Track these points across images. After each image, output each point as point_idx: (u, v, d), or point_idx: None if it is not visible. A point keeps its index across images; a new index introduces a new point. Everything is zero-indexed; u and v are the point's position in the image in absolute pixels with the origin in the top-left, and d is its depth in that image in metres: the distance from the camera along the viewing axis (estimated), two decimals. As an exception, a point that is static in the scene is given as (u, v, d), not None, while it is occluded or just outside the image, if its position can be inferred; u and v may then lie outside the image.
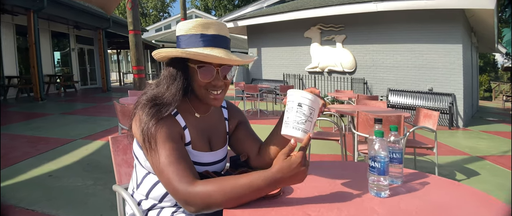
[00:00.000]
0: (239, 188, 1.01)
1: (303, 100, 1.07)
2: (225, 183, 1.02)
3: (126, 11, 27.80)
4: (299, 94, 1.08)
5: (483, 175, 4.47)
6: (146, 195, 1.29)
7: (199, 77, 1.19)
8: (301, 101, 1.08)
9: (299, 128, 1.07)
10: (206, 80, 1.19)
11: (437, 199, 1.12)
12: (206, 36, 1.18)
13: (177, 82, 1.19)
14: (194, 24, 1.19)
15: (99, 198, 3.17)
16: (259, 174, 1.02)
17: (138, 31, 6.40)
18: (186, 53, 1.14)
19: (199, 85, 1.21)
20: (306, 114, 1.07)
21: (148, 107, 1.15)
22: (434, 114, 3.82)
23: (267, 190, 1.04)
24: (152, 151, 1.11)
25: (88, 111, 9.00)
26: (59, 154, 4.61)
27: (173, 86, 1.18)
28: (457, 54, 8.76)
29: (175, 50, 1.17)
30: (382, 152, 1.12)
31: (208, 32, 1.18)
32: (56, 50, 15.02)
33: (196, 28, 1.19)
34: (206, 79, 1.19)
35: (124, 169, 1.63)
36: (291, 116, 1.08)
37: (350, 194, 1.15)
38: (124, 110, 3.20)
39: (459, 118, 8.97)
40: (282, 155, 1.04)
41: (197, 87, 1.21)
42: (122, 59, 30.89)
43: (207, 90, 1.22)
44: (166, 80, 1.21)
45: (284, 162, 1.01)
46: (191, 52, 1.14)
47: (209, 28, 1.19)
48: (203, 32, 1.18)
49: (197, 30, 1.18)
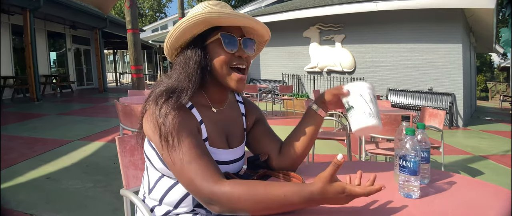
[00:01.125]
0: (271, 199, 0.92)
1: (369, 91, 1.12)
2: (255, 189, 0.93)
3: (122, 11, 27.70)
4: (363, 86, 1.12)
5: (487, 175, 4.43)
6: (159, 201, 1.18)
7: (225, 46, 1.10)
8: (369, 91, 1.11)
9: (375, 115, 1.09)
10: (232, 50, 1.11)
11: (467, 199, 1.07)
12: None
13: (193, 61, 1.10)
14: (206, 3, 1.13)
15: (100, 201, 3.08)
16: (295, 189, 0.92)
17: (137, 30, 6.30)
18: (211, 13, 1.05)
19: (221, 61, 1.11)
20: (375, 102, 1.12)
21: (162, 99, 1.05)
22: (440, 113, 3.76)
23: (300, 207, 0.95)
24: (169, 148, 1.01)
25: (85, 112, 8.89)
26: (57, 155, 4.51)
27: (189, 67, 1.10)
28: (457, 54, 8.73)
29: (196, 14, 1.06)
30: (413, 151, 1.05)
31: (222, 10, 1.10)
32: (52, 50, 14.86)
33: (210, 6, 1.11)
34: (231, 49, 1.11)
35: (131, 171, 1.53)
36: (371, 106, 1.09)
37: (380, 196, 1.07)
38: (126, 110, 3.11)
39: (459, 117, 8.95)
40: (328, 175, 0.91)
41: (219, 65, 1.11)
42: (118, 60, 30.75)
43: (230, 66, 1.12)
44: (179, 66, 1.12)
45: (331, 186, 0.91)
46: (219, 12, 1.06)
47: (222, 6, 1.13)
48: (217, 10, 1.10)
49: (212, 8, 1.10)
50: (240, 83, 1.14)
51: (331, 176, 0.91)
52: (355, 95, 1.10)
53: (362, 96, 1.08)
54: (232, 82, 1.13)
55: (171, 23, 34.58)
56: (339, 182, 0.93)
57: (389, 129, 3.24)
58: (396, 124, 3.20)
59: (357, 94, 1.10)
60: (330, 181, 0.91)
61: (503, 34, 16.95)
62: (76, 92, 14.64)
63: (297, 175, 1.16)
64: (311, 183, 0.93)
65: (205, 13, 1.05)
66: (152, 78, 26.13)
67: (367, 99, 1.09)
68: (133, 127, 3.14)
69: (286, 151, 1.25)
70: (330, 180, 0.91)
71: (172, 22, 34.56)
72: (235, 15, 1.07)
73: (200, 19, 1.06)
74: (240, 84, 1.14)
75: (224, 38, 1.10)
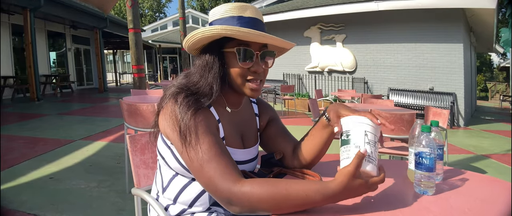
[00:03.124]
0: (293, 198, 0.90)
1: (367, 128, 0.98)
2: (276, 188, 0.91)
3: (121, 11, 27.61)
4: (360, 121, 0.99)
5: (490, 173, 4.43)
6: (173, 200, 1.17)
7: (239, 61, 1.08)
8: (366, 129, 0.98)
9: (373, 161, 0.97)
10: (247, 65, 1.09)
11: (482, 195, 1.07)
12: (244, 18, 1.09)
13: (213, 70, 1.08)
14: (230, 6, 1.10)
15: (105, 201, 3.07)
16: (317, 187, 0.90)
17: (138, 30, 6.26)
18: (226, 30, 1.03)
19: (237, 72, 1.10)
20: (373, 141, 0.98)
21: (182, 97, 1.04)
22: (444, 113, 3.76)
23: (321, 205, 0.93)
24: (188, 146, 0.99)
25: (85, 112, 8.88)
26: (59, 155, 4.50)
27: (210, 75, 1.08)
28: (458, 54, 8.73)
29: (213, 28, 1.05)
30: (429, 148, 1.05)
31: (246, 14, 1.09)
32: (52, 50, 14.85)
33: (233, 10, 1.09)
34: (246, 64, 1.09)
35: (142, 170, 1.52)
36: (373, 150, 0.97)
37: (397, 193, 1.09)
38: (131, 109, 3.10)
39: (460, 117, 8.95)
40: (353, 169, 0.89)
41: (235, 75, 1.10)
42: (118, 59, 30.74)
43: (245, 78, 1.11)
44: (199, 69, 1.11)
45: (355, 181, 0.89)
46: (234, 29, 1.03)
47: (246, 10, 1.10)
48: (240, 14, 1.09)
49: (234, 12, 1.09)
50: (255, 92, 1.13)
51: (357, 170, 0.90)
52: (358, 130, 0.98)
53: (366, 135, 0.97)
54: (247, 90, 1.13)
55: (171, 23, 34.56)
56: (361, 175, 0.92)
57: (394, 129, 3.24)
58: (401, 123, 3.21)
59: (361, 129, 0.98)
60: (354, 176, 0.89)
61: (503, 34, 17.00)
62: (76, 92, 14.63)
63: (314, 172, 1.15)
64: (332, 179, 0.92)
65: (221, 29, 1.04)
66: (152, 78, 26.15)
67: (370, 139, 0.97)
68: (138, 126, 3.13)
69: (299, 155, 1.23)
70: (355, 175, 0.89)
71: (171, 22, 34.53)
72: (252, 34, 1.03)
73: (215, 33, 1.06)
74: (255, 93, 1.13)
75: (239, 52, 1.08)
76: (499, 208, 0.98)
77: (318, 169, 1.25)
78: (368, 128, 0.97)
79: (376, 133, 0.98)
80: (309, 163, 1.22)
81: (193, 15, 34.09)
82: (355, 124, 0.99)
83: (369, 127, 0.98)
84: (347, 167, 0.91)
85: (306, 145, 1.21)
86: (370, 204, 0.98)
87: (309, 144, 1.20)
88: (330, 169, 1.31)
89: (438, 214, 0.92)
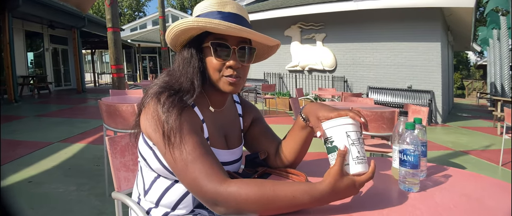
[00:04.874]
0: (280, 199, 0.88)
1: (348, 128, 0.95)
2: (263, 189, 0.89)
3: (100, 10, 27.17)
4: (341, 123, 0.96)
5: (470, 169, 4.53)
6: (156, 203, 1.14)
7: (214, 55, 1.06)
8: (347, 129, 0.95)
9: (362, 160, 0.95)
10: (221, 59, 1.06)
11: (466, 191, 1.09)
12: (224, 13, 1.07)
13: (192, 64, 1.06)
14: (210, 2, 1.09)
15: (85, 205, 3.00)
16: (305, 188, 0.89)
17: (117, 29, 6.15)
18: (198, 22, 1.00)
19: (213, 67, 1.07)
20: (359, 141, 0.95)
21: (165, 96, 1.01)
22: (423, 110, 3.82)
23: (310, 207, 0.91)
24: (172, 146, 0.96)
25: (64, 113, 8.69)
26: (37, 158, 4.39)
27: (190, 70, 1.06)
28: (436, 52, 8.90)
29: (187, 20, 1.03)
30: (414, 145, 1.05)
31: (225, 9, 1.08)
32: (30, 51, 14.46)
33: (213, 5, 1.08)
34: (221, 58, 1.06)
35: (122, 173, 1.47)
36: (359, 149, 0.95)
37: (382, 191, 1.09)
38: (110, 110, 3.04)
39: (438, 114, 9.13)
40: (338, 169, 0.89)
41: (211, 70, 1.08)
42: (97, 59, 30.19)
43: (222, 73, 1.08)
44: (180, 65, 1.08)
45: (342, 182, 0.89)
46: (206, 20, 1.00)
47: (226, 6, 1.08)
48: (220, 10, 1.07)
49: (214, 7, 1.07)
50: (232, 86, 1.09)
51: (341, 169, 0.90)
52: (340, 134, 0.95)
53: (349, 136, 0.94)
54: (224, 85, 1.09)
55: (150, 22, 34.18)
56: (348, 175, 0.92)
57: (375, 126, 3.28)
58: (382, 121, 3.24)
59: (342, 133, 0.95)
60: (341, 176, 0.89)
61: (481, 32, 17.44)
62: (54, 93, 14.29)
63: (299, 172, 1.14)
64: (320, 181, 0.91)
65: (193, 21, 1.02)
66: (131, 78, 25.80)
67: (354, 138, 0.94)
68: (117, 127, 3.07)
69: (282, 155, 1.22)
70: (341, 174, 0.89)
71: (151, 21, 34.17)
72: (224, 25, 1.00)
73: (189, 26, 1.03)
74: (232, 88, 1.09)
75: (214, 46, 1.06)
76: (486, 204, 0.99)
77: (304, 168, 1.24)
78: (349, 128, 0.95)
79: (358, 130, 0.96)
80: (291, 163, 1.21)
81: (173, 14, 33.78)
82: (336, 129, 0.96)
83: (350, 127, 0.95)
84: (332, 167, 0.91)
85: (286, 146, 1.20)
86: (357, 203, 0.97)
87: (290, 144, 1.19)
88: (315, 167, 1.31)
89: (424, 210, 0.93)
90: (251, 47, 1.12)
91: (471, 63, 41.00)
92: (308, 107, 1.10)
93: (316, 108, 1.06)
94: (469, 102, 19.62)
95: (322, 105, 1.06)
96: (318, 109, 1.04)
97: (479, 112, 12.84)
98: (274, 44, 1.19)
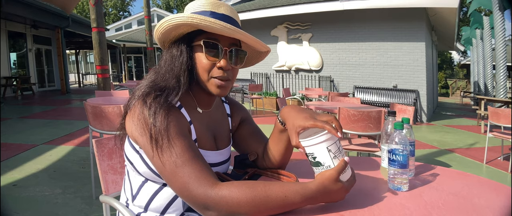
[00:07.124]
0: (272, 200, 0.88)
1: (328, 143, 0.94)
2: (255, 191, 0.88)
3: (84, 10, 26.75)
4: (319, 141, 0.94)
5: (455, 167, 4.60)
6: (145, 208, 1.11)
7: (205, 54, 1.04)
8: (328, 145, 0.93)
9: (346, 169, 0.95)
10: (213, 60, 1.05)
11: (454, 189, 1.11)
12: (217, 14, 1.06)
13: (180, 61, 1.04)
14: (203, 2, 1.07)
15: (71, 208, 2.95)
16: (296, 188, 0.90)
17: (102, 29, 6.08)
18: (193, 18, 0.98)
19: (202, 67, 1.05)
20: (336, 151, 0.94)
21: (151, 98, 0.98)
22: (409, 109, 3.87)
23: (300, 206, 0.92)
24: (160, 150, 0.93)
25: (48, 115, 8.53)
26: (22, 161, 4.30)
27: (177, 67, 1.04)
28: (421, 52, 9.02)
29: (180, 15, 1.00)
30: (402, 145, 1.06)
31: (219, 11, 1.07)
32: (12, 51, 14.17)
33: (206, 5, 1.07)
34: (213, 58, 1.05)
35: (110, 176, 1.45)
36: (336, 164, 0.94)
37: (371, 190, 1.10)
38: (96, 111, 3.00)
39: (423, 113, 9.25)
40: (336, 173, 0.90)
41: (201, 70, 1.06)
42: (81, 60, 29.81)
43: (211, 74, 1.06)
44: (167, 62, 1.06)
45: (335, 184, 0.90)
46: (201, 18, 0.98)
47: (220, 7, 1.07)
48: (213, 10, 1.06)
49: (207, 7, 1.06)
50: (221, 89, 1.08)
51: (338, 176, 0.90)
52: (321, 149, 0.94)
53: (330, 151, 0.93)
54: (212, 87, 1.07)
55: (136, 22, 33.82)
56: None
57: (362, 126, 3.30)
58: (369, 120, 3.27)
59: (323, 148, 0.93)
60: (336, 180, 0.90)
61: (465, 32, 17.73)
62: (37, 94, 14.03)
63: (290, 173, 1.14)
64: (312, 180, 0.91)
65: (187, 17, 0.99)
66: (116, 78, 25.53)
67: (335, 151, 0.94)
68: (103, 129, 3.04)
69: (269, 156, 1.20)
70: (337, 180, 0.90)
71: (136, 21, 33.80)
72: (219, 25, 0.99)
73: (182, 21, 1.00)
74: (220, 90, 1.08)
75: (206, 45, 1.04)
76: (474, 202, 1.00)
77: (294, 169, 1.25)
78: (328, 144, 0.93)
79: (336, 140, 0.95)
80: (279, 164, 1.20)
81: (158, 14, 33.47)
82: (316, 146, 0.94)
83: (329, 142, 0.93)
84: (329, 171, 0.91)
85: (271, 148, 1.18)
86: (346, 202, 0.98)
87: (274, 147, 1.17)
88: (306, 168, 1.31)
89: (413, 209, 0.94)
90: (242, 50, 1.11)
91: (455, 63, 41.70)
92: (285, 111, 1.06)
93: (293, 114, 1.01)
94: (453, 101, 19.92)
95: (298, 111, 1.02)
96: (295, 117, 1.00)
97: (463, 111, 13.04)
98: (265, 50, 1.18)
